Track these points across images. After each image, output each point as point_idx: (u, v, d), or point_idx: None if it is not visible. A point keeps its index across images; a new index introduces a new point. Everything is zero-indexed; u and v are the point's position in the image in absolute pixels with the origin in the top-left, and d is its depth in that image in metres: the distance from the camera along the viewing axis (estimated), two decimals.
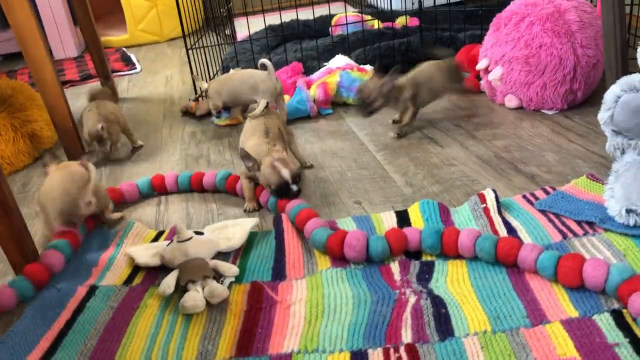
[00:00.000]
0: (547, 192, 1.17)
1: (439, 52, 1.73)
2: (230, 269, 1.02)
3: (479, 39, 1.95)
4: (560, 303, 0.88)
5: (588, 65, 1.52)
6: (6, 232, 1.06)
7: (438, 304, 0.92)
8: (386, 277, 1.00)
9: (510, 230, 1.07)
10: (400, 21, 2.36)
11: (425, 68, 1.61)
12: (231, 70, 1.88)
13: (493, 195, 1.14)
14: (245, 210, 1.29)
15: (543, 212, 1.11)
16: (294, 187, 1.24)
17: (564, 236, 1.02)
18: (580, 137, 1.44)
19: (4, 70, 2.99)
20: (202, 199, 1.37)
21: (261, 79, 1.63)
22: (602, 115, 1.05)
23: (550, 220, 1.08)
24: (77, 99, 2.34)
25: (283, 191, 1.24)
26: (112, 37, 3.23)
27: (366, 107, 1.53)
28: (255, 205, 1.30)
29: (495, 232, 1.07)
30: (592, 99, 1.63)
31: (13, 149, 1.67)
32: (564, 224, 1.06)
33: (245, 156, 1.26)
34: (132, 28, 3.17)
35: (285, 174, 1.23)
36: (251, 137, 1.35)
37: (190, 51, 2.01)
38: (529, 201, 1.15)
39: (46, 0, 2.99)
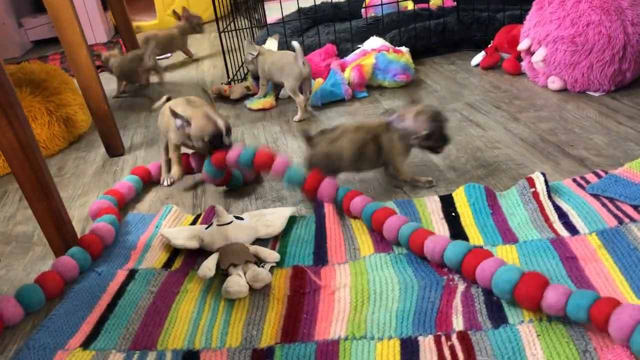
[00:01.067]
0: (598, 176, 1.12)
1: None
2: (271, 255, 1.00)
3: (518, 19, 1.89)
4: (619, 291, 0.84)
5: (639, 44, 1.45)
6: (46, 215, 1.05)
7: (489, 291, 0.88)
8: (432, 263, 0.97)
9: (562, 215, 1.02)
10: (435, 1, 2.30)
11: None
12: (268, 41, 1.86)
13: (542, 179, 1.09)
14: (169, 182, 1.36)
15: (596, 196, 1.06)
16: (227, 139, 1.25)
17: (620, 221, 0.97)
18: (630, 119, 1.38)
19: (35, 56, 3.01)
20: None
21: (287, 62, 1.63)
22: None
23: (604, 205, 1.03)
24: (108, 83, 2.34)
25: (217, 142, 1.23)
26: (142, 22, 3.22)
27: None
28: (180, 171, 1.33)
29: (546, 216, 1.02)
30: None
31: (48, 132, 1.66)
32: (618, 208, 1.01)
33: (174, 114, 1.25)
34: (161, 13, 3.16)
35: (220, 123, 1.23)
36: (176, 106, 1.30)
37: (222, 34, 1.98)
38: (579, 185, 1.10)
39: None
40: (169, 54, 2.61)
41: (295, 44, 1.60)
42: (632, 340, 0.70)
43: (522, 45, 1.64)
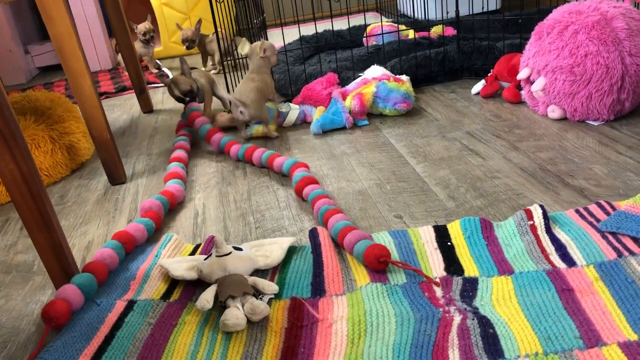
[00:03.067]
0: (601, 207, 1.12)
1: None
2: (269, 287, 1.00)
3: (518, 48, 1.91)
4: (616, 324, 0.83)
5: (637, 74, 1.46)
6: (47, 245, 1.05)
7: (485, 323, 0.88)
8: (428, 294, 0.97)
9: (559, 247, 1.02)
10: (435, 30, 2.33)
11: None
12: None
13: (541, 211, 1.09)
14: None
15: (608, 232, 1.04)
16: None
17: (619, 254, 0.97)
18: (629, 148, 1.38)
19: (40, 82, 3.05)
20: (240, 212, 1.36)
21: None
22: None
23: (604, 236, 1.03)
24: (112, 110, 2.37)
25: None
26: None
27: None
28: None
29: (543, 248, 1.03)
30: None
31: (51, 160, 1.68)
32: (618, 240, 1.01)
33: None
34: (165, 40, 3.20)
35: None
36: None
37: (225, 62, 2.01)
38: (582, 216, 1.10)
39: (82, 13, 3.04)
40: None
41: (225, 95, 1.76)
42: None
43: (522, 75, 1.65)
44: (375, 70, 1.92)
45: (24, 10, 3.29)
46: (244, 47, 1.82)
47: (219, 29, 2.06)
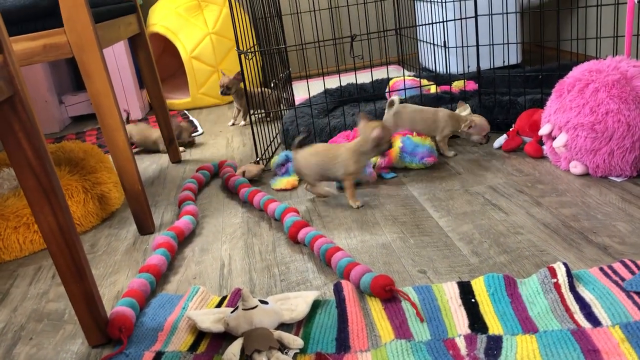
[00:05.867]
0: (626, 265, 1.12)
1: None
2: (295, 342, 1.01)
3: (539, 104, 1.94)
4: None
5: None
6: (79, 295, 1.09)
7: None
8: (452, 352, 0.97)
9: (584, 306, 1.03)
10: (457, 85, 2.38)
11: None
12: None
13: (565, 269, 1.10)
14: None
15: (634, 292, 1.04)
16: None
17: None
18: None
19: (73, 131, 3.15)
20: (265, 264, 1.38)
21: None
22: None
23: (629, 296, 1.03)
24: (142, 160, 2.44)
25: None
26: (175, 100, 3.37)
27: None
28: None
29: (567, 307, 1.03)
30: None
31: (83, 210, 1.73)
32: None
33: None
34: (194, 91, 3.30)
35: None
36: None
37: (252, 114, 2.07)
38: (606, 274, 1.11)
39: (115, 65, 3.17)
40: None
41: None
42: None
43: (544, 131, 1.68)
44: None
45: (60, 62, 3.43)
46: (462, 111, 1.94)
47: (248, 83, 2.13)
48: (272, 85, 2.28)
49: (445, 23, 2.15)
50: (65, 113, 3.35)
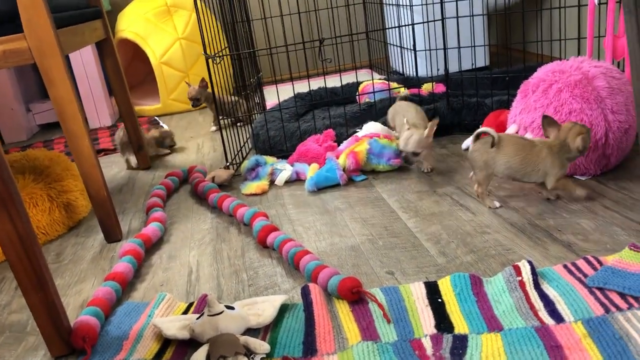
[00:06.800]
0: (589, 262, 1.13)
1: None
2: (261, 346, 1.00)
3: (506, 105, 1.97)
4: None
5: (620, 131, 1.50)
6: (41, 306, 1.06)
7: None
8: (418, 352, 0.97)
9: (548, 303, 1.04)
10: (426, 87, 2.40)
11: None
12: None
13: (529, 267, 1.11)
14: None
15: (596, 288, 1.05)
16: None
17: (606, 310, 0.99)
18: (615, 203, 1.41)
19: (41, 139, 3.10)
20: (234, 269, 1.37)
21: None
22: None
23: (592, 292, 1.04)
24: (111, 167, 2.40)
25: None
26: (146, 107, 3.33)
27: None
28: None
29: (531, 305, 1.04)
30: (625, 164, 1.61)
31: (49, 219, 1.70)
32: (606, 296, 1.02)
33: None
34: (164, 97, 3.27)
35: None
36: None
37: (221, 120, 2.05)
38: (570, 271, 1.12)
39: (84, 73, 3.13)
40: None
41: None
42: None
43: (510, 131, 1.70)
44: (372, 127, 1.97)
45: (27, 69, 3.37)
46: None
47: (216, 88, 2.12)
48: (243, 95, 2.27)
49: (413, 26, 2.17)
50: (32, 121, 3.29)
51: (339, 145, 1.95)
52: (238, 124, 2.65)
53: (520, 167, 1.43)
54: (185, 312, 1.19)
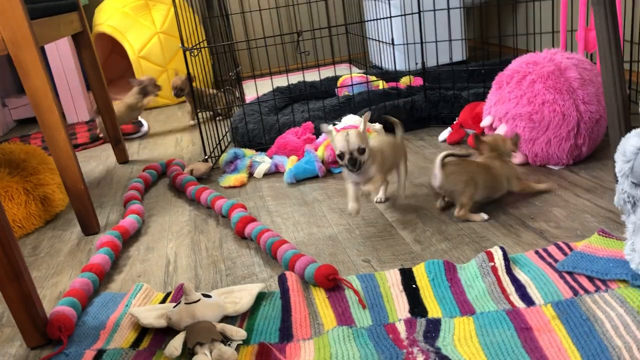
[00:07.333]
0: (559, 248, 1.16)
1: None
2: (237, 333, 1.01)
3: (482, 97, 1.99)
4: None
5: (591, 121, 1.54)
6: (16, 297, 1.06)
7: None
8: (392, 336, 0.99)
9: (519, 287, 1.06)
10: (404, 81, 2.42)
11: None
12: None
13: (501, 253, 1.13)
14: None
15: (566, 272, 1.08)
16: None
17: (575, 292, 1.01)
18: (587, 191, 1.44)
19: (17, 135, 3.07)
20: (211, 259, 1.37)
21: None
22: (621, 167, 1.00)
23: (562, 276, 1.07)
24: (88, 161, 2.39)
25: None
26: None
27: None
28: None
29: (503, 290, 1.06)
30: (596, 154, 1.64)
31: (25, 212, 1.69)
32: (575, 280, 1.05)
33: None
34: None
35: None
36: None
37: (200, 113, 2.05)
38: (541, 257, 1.14)
39: (61, 67, 3.10)
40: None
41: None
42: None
43: (485, 122, 1.72)
44: (352, 119, 1.98)
45: (2, 64, 3.33)
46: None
47: (194, 82, 2.12)
48: (222, 90, 2.26)
49: (390, 20, 2.18)
50: (9, 116, 3.25)
51: (317, 137, 1.96)
52: (217, 118, 2.65)
53: (495, 184, 1.41)
54: (163, 301, 1.20)
